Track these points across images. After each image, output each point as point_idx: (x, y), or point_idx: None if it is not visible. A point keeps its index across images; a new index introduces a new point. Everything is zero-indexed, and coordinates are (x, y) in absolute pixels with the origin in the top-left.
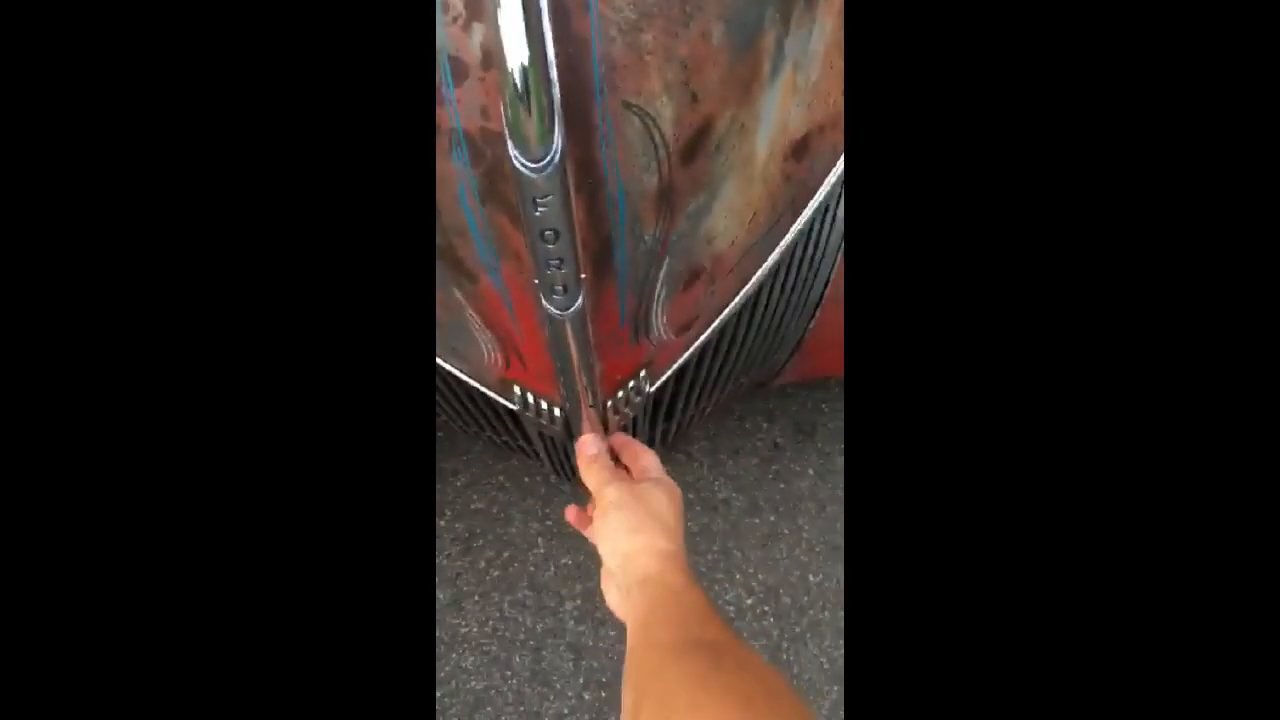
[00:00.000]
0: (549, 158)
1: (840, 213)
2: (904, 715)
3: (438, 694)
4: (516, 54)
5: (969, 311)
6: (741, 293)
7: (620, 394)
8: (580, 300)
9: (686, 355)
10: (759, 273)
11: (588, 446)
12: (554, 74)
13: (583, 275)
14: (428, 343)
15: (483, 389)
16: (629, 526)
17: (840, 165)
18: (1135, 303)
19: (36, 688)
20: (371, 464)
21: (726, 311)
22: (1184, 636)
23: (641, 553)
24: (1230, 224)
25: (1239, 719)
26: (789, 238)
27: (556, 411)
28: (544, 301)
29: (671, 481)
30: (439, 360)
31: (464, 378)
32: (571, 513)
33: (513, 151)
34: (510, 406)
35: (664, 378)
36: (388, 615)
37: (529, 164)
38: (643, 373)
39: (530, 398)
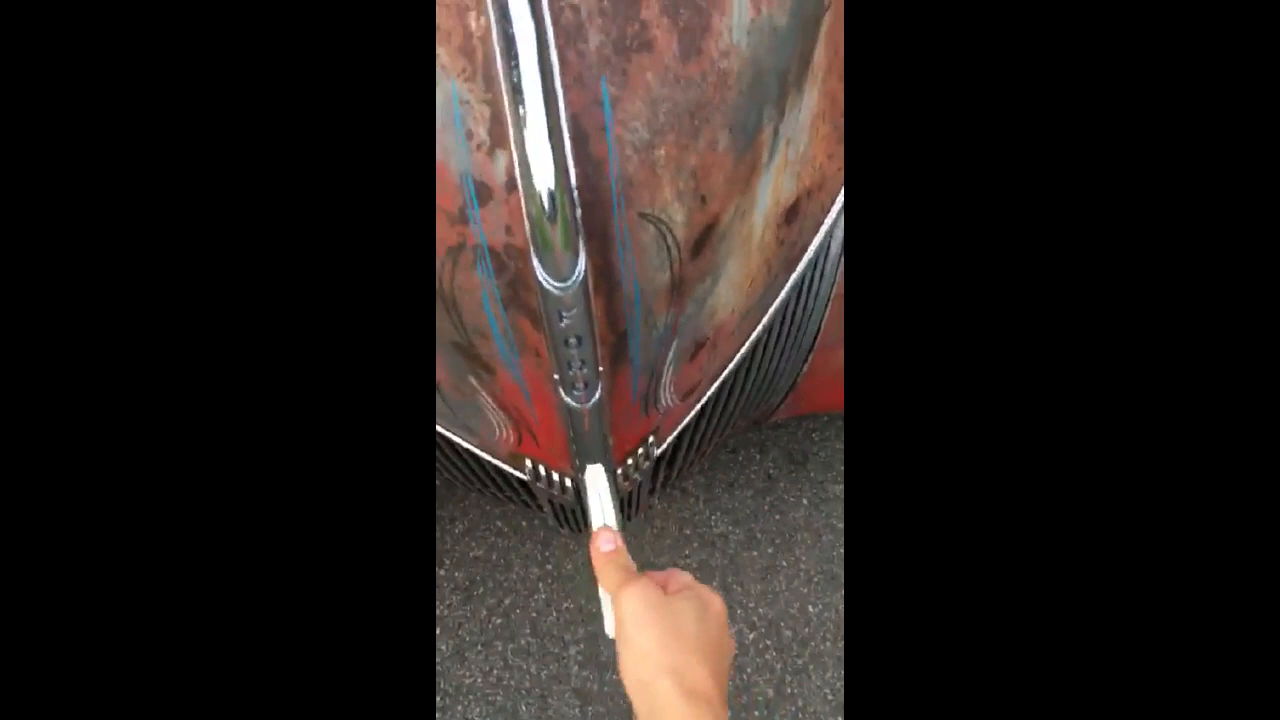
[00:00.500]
0: (574, 276)
1: (828, 264)
2: None
3: None
4: (543, 180)
5: (966, 336)
6: (740, 352)
7: (630, 461)
8: (599, 394)
9: (690, 416)
10: (756, 330)
11: (603, 543)
12: (576, 195)
13: (600, 369)
14: (428, 406)
15: (493, 460)
16: (644, 650)
17: (829, 219)
18: (1130, 322)
19: (34, 688)
20: (372, 515)
21: (727, 371)
22: (1184, 651)
23: (662, 691)
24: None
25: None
26: (783, 294)
27: (568, 482)
28: (564, 395)
29: (708, 591)
30: (448, 432)
31: (473, 449)
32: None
33: (540, 272)
34: (521, 477)
35: (669, 439)
36: (388, 666)
37: (555, 283)
38: (650, 438)
39: (542, 469)
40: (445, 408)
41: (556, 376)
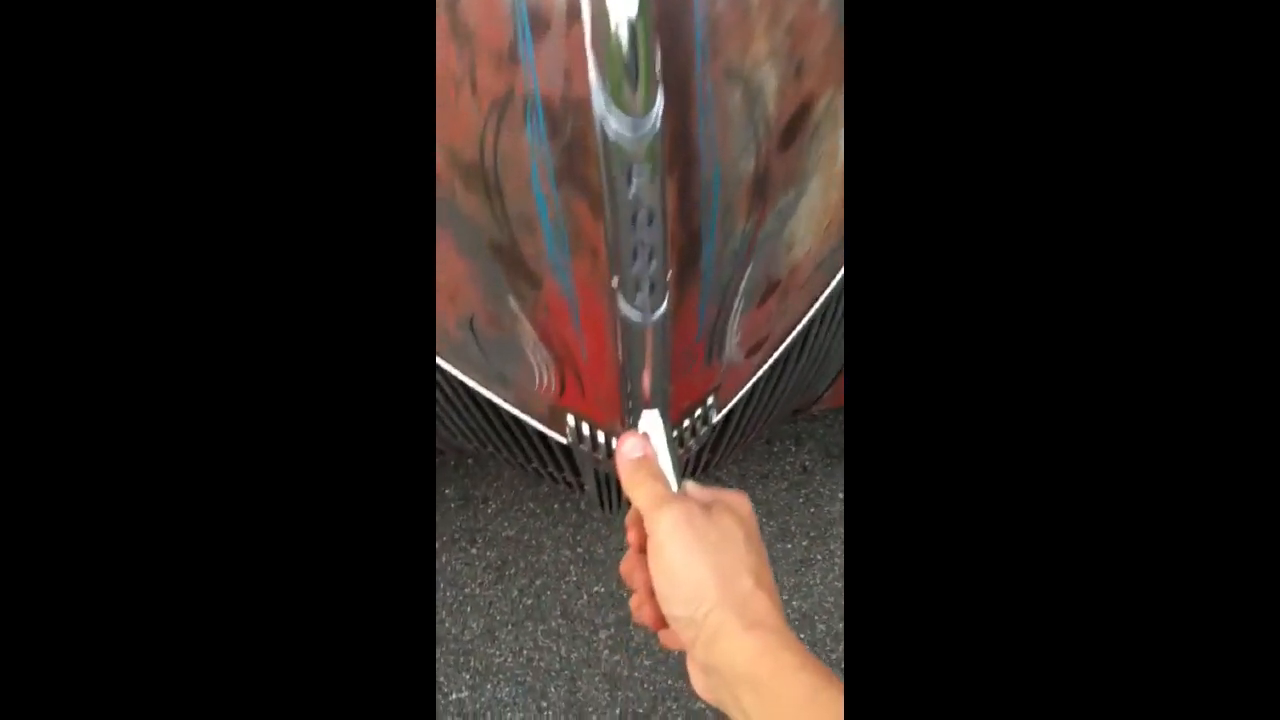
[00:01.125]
0: (650, 120)
1: None
2: None
3: None
4: (622, 5)
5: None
6: (808, 314)
7: (686, 423)
8: (665, 304)
9: (752, 382)
10: (825, 293)
11: (631, 449)
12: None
13: (670, 272)
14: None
15: (530, 421)
16: (695, 583)
17: None
18: (1123, 301)
19: (32, 688)
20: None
21: (794, 334)
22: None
23: (725, 630)
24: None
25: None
26: None
27: (615, 443)
28: (624, 305)
29: (733, 495)
30: (482, 388)
31: (509, 408)
32: (629, 567)
33: (607, 114)
34: (561, 441)
35: (730, 406)
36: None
37: (626, 127)
38: (710, 399)
39: (586, 429)
40: (479, 354)
41: (615, 281)
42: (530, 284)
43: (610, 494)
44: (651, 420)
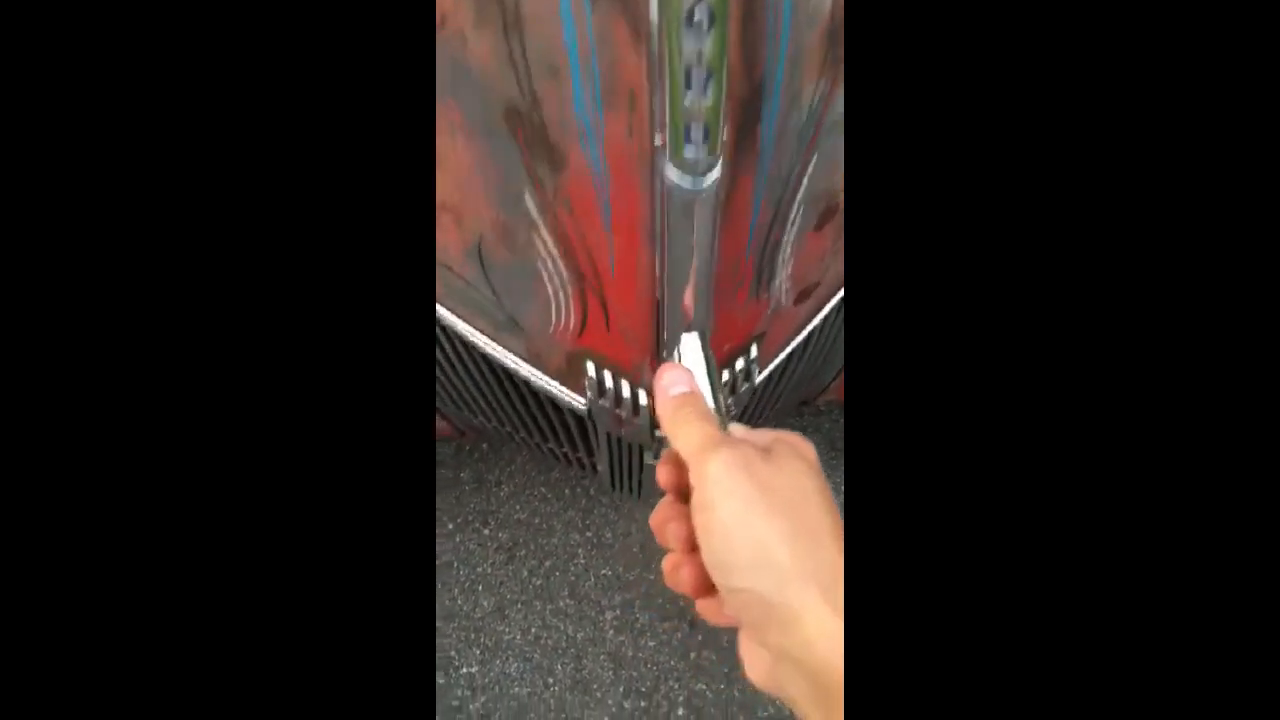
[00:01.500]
0: None
1: None
2: None
3: (481, 699)
4: None
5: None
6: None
7: (726, 376)
8: (719, 171)
9: (796, 342)
10: None
11: (673, 381)
12: None
13: (725, 127)
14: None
15: (544, 383)
16: (758, 546)
17: None
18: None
19: (31, 687)
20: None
21: (829, 307)
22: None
23: (809, 612)
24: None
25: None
26: None
27: (641, 396)
28: (669, 169)
29: (791, 435)
30: (490, 345)
31: (520, 369)
32: (660, 518)
33: None
34: (576, 406)
35: (772, 366)
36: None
37: None
38: (754, 350)
39: (608, 379)
40: (488, 293)
41: (660, 138)
42: (552, 165)
43: (623, 472)
44: (691, 347)
